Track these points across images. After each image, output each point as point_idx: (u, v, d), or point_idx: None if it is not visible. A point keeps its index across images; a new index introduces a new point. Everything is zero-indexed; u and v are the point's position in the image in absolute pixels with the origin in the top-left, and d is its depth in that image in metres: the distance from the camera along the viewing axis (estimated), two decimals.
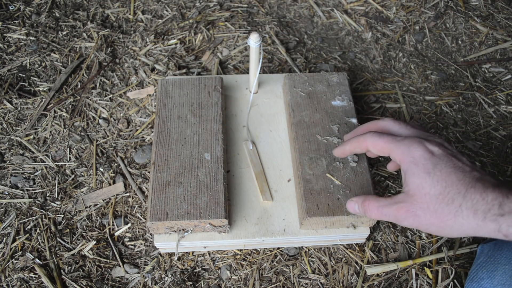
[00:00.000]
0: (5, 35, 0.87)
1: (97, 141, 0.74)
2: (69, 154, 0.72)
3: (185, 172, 0.58)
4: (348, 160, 0.59)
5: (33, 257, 0.63)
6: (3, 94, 0.79)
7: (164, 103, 0.64)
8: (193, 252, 0.63)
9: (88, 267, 0.62)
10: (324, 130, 0.62)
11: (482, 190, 0.41)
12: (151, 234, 0.65)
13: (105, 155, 0.72)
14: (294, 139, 0.62)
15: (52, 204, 0.67)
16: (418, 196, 0.44)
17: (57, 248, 0.64)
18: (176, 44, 0.85)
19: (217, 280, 0.61)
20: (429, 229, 0.44)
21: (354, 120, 0.63)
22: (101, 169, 0.71)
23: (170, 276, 0.61)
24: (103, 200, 0.68)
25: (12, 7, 0.91)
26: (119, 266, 0.62)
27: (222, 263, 0.62)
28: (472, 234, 0.42)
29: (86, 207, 0.67)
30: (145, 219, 0.66)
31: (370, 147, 0.50)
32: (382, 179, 0.70)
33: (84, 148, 0.73)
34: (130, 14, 0.91)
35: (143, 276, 0.62)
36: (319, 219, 0.55)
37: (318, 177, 0.58)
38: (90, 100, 0.78)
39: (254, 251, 0.63)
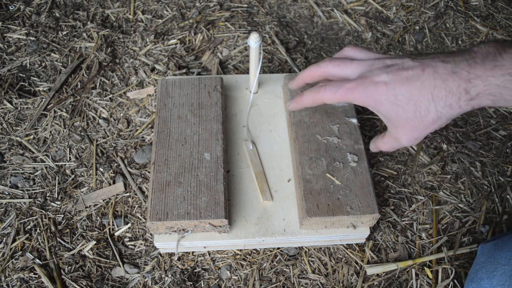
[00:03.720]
0: (5, 35, 0.87)
1: (97, 141, 0.74)
2: (69, 154, 0.72)
3: (185, 172, 0.58)
4: (348, 160, 0.59)
5: (33, 257, 0.63)
6: (3, 94, 0.79)
7: (164, 103, 0.64)
8: (193, 252, 0.63)
9: (88, 267, 0.62)
10: (324, 130, 0.62)
11: (444, 85, 0.44)
12: (151, 234, 0.65)
13: (105, 155, 0.72)
14: (294, 139, 0.62)
15: (52, 204, 0.68)
16: (403, 124, 0.48)
17: (57, 248, 0.64)
18: (176, 44, 0.85)
19: (217, 280, 0.61)
20: (427, 134, 0.49)
21: (354, 120, 0.63)
22: (101, 169, 0.71)
23: (170, 276, 0.61)
24: (103, 200, 0.68)
25: (12, 7, 0.91)
26: (119, 266, 0.62)
27: (222, 263, 0.63)
28: (457, 115, 0.47)
29: (86, 207, 0.67)
30: (145, 219, 0.66)
31: (327, 102, 0.52)
32: (382, 179, 0.70)
33: (84, 148, 0.73)
34: (130, 14, 0.91)
35: (143, 276, 0.62)
36: (319, 219, 0.55)
37: (318, 177, 0.58)
38: (90, 100, 0.78)
39: (254, 251, 0.63)
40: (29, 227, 0.66)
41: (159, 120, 0.63)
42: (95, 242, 0.64)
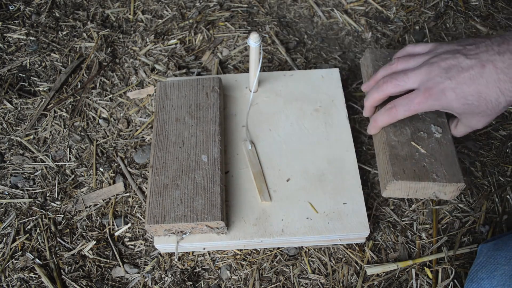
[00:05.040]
0: (5, 35, 0.87)
1: (97, 141, 0.74)
2: (69, 154, 0.73)
3: (182, 175, 0.58)
4: (432, 131, 0.60)
5: (33, 257, 0.63)
6: (3, 94, 0.79)
7: (162, 105, 0.64)
8: (193, 252, 0.63)
9: (88, 267, 0.62)
10: None
11: (508, 77, 0.46)
12: (151, 235, 0.65)
13: (105, 155, 0.73)
14: (378, 108, 0.62)
15: (52, 204, 0.68)
16: (476, 115, 0.52)
17: (57, 248, 0.64)
18: (176, 44, 0.85)
19: (217, 280, 0.61)
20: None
21: None
22: (101, 169, 0.71)
23: (170, 276, 0.61)
24: (103, 200, 0.68)
25: (12, 7, 0.91)
26: (119, 266, 0.62)
27: (222, 263, 0.63)
28: None
29: (86, 207, 0.67)
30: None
31: (402, 118, 0.56)
32: None
33: (84, 148, 0.73)
34: (130, 14, 0.91)
35: (143, 276, 0.62)
36: (404, 183, 0.56)
37: (403, 144, 0.59)
38: (90, 100, 0.78)
39: (254, 251, 0.64)
40: (29, 227, 0.66)
41: (157, 123, 0.63)
42: (95, 242, 0.64)
